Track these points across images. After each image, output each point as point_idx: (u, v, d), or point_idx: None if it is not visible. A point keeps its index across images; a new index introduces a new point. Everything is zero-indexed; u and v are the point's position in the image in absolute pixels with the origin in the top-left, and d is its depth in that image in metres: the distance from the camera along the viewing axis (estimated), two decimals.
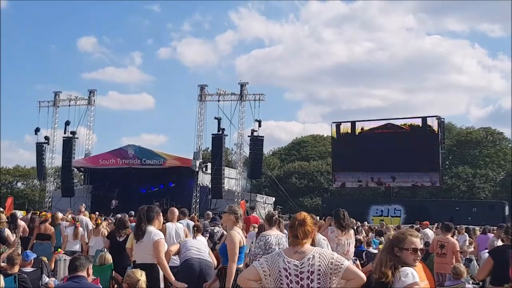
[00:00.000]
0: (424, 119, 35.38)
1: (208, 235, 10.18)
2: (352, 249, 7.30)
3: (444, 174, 41.72)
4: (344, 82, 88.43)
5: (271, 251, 6.35)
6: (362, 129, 36.84)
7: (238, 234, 5.65)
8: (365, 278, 3.49)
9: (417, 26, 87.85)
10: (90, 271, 4.38)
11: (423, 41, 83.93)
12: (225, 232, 8.83)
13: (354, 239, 7.41)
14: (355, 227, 14.78)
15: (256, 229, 9.55)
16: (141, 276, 4.08)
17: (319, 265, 3.42)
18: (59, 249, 10.13)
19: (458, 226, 15.95)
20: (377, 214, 33.22)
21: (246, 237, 7.39)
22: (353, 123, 37.49)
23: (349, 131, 37.05)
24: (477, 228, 15.57)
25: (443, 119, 36.04)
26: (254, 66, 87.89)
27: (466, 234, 13.82)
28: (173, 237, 8.32)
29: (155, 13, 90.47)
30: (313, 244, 3.75)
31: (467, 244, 12.52)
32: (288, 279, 3.41)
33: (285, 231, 11.79)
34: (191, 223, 10.25)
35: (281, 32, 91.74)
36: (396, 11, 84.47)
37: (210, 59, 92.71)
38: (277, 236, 6.51)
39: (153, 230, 6.08)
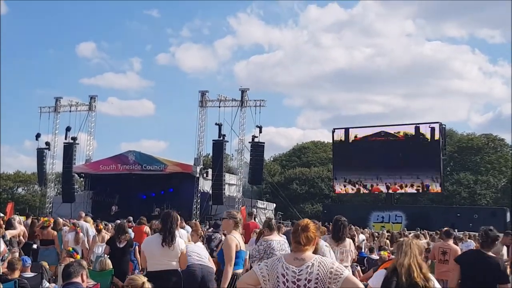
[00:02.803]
0: (417, 126, 34.76)
1: (205, 240, 10.14)
2: (348, 258, 7.00)
3: (445, 180, 41.60)
4: (344, 88, 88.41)
5: (272, 256, 6.27)
6: (355, 136, 36.38)
7: (234, 239, 5.65)
8: None
9: (416, 32, 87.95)
10: (85, 276, 4.35)
11: (423, 47, 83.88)
12: (223, 238, 8.79)
13: (350, 248, 7.03)
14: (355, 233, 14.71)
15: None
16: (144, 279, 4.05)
17: (318, 273, 3.40)
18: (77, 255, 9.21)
19: (461, 232, 15.87)
20: (378, 221, 33.09)
21: (246, 243, 7.35)
22: (346, 130, 36.82)
23: (343, 138, 36.65)
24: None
25: (444, 125, 35.91)
26: (253, 72, 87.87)
27: (470, 240, 13.74)
28: None
29: (154, 18, 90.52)
30: (316, 251, 3.74)
31: None
32: (285, 286, 3.41)
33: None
34: (189, 228, 10.27)
35: (280, 38, 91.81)
36: (395, 16, 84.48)
37: (209, 65, 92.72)
38: (279, 242, 6.48)
39: (179, 238, 6.18)
